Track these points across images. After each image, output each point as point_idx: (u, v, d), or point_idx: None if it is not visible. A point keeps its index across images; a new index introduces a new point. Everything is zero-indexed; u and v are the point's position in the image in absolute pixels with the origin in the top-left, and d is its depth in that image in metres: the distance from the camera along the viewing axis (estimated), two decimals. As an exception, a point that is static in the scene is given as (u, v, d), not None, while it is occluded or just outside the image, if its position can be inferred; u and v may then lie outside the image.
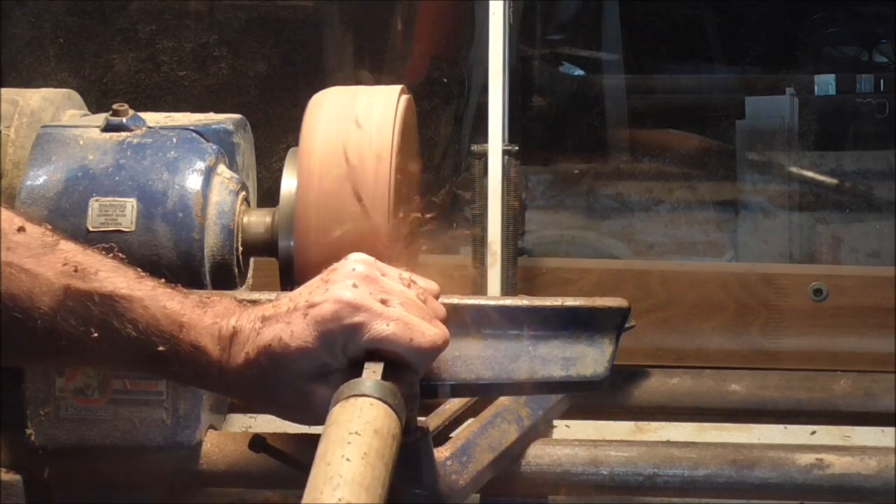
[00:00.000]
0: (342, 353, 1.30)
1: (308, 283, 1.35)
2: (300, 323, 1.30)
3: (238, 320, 1.33)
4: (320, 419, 1.32)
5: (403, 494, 1.40)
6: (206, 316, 1.34)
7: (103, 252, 1.37)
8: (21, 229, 1.34)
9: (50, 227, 1.37)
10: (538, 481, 1.66)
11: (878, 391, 1.87)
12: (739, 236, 2.78)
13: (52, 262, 1.33)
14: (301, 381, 1.31)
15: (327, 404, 1.29)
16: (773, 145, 2.84)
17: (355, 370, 1.28)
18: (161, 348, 1.32)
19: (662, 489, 1.67)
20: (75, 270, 1.32)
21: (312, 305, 1.30)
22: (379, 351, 1.29)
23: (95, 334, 1.32)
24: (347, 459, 1.15)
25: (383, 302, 1.31)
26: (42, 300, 1.32)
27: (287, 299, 1.33)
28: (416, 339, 1.30)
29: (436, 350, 1.32)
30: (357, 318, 1.29)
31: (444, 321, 1.36)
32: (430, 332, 1.31)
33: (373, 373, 1.27)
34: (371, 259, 1.36)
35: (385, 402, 1.23)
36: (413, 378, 1.31)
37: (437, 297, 1.39)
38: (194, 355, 1.33)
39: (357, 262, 1.35)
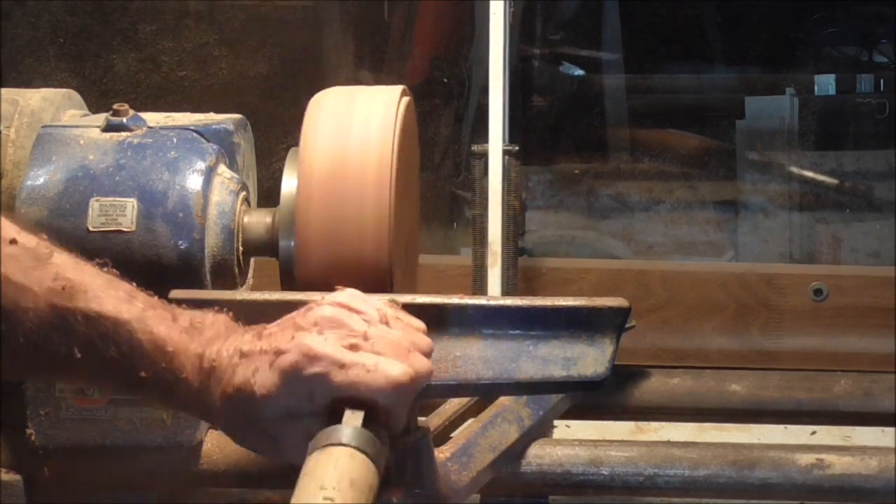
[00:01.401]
0: (308, 401, 1.28)
1: (283, 322, 1.32)
2: (266, 370, 1.28)
3: (219, 351, 1.31)
4: (290, 459, 1.30)
5: (403, 494, 1.40)
6: (192, 343, 1.31)
7: (98, 265, 1.36)
8: (13, 241, 1.32)
9: (46, 237, 1.35)
10: (538, 481, 1.66)
11: (878, 391, 1.87)
12: (739, 236, 2.79)
13: (41, 277, 1.31)
14: (268, 423, 1.30)
15: (295, 446, 1.27)
16: (773, 145, 2.84)
17: (331, 416, 1.26)
18: (143, 374, 1.31)
19: (663, 489, 1.67)
20: (63, 288, 1.30)
21: (278, 353, 1.28)
22: (345, 399, 1.27)
23: (78, 354, 1.30)
24: None
25: (352, 347, 1.29)
26: (27, 315, 1.30)
27: (265, 336, 1.30)
28: (376, 382, 1.26)
29: (400, 388, 1.27)
30: (315, 369, 1.26)
31: (428, 354, 1.33)
32: (393, 371, 1.27)
33: (353, 417, 1.24)
34: (345, 299, 1.33)
35: (363, 451, 1.20)
36: (391, 420, 1.28)
37: (424, 332, 1.36)
38: (175, 384, 1.31)
39: (327, 304, 1.32)
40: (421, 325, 1.36)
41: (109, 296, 1.31)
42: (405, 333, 1.32)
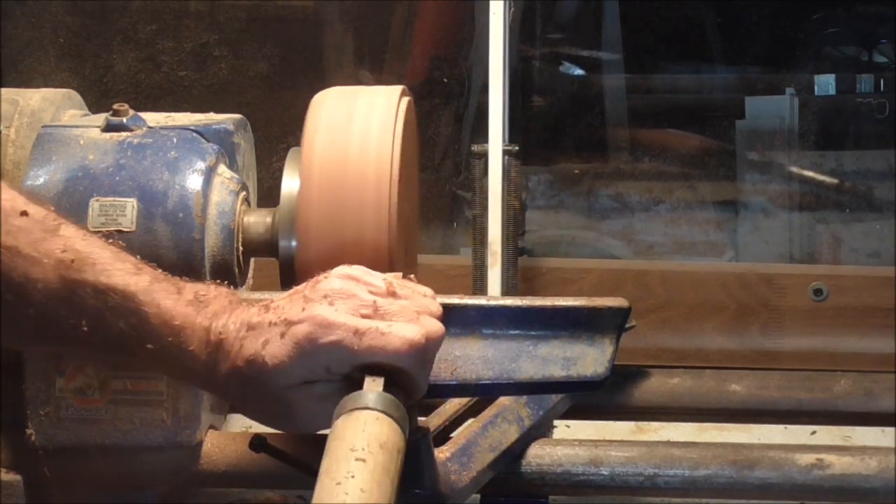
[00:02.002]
0: (325, 371, 1.29)
1: (291, 294, 1.34)
2: (277, 341, 1.29)
3: (226, 325, 1.32)
4: (303, 427, 1.32)
5: (403, 494, 1.40)
6: (198, 316, 1.33)
7: (104, 239, 1.37)
8: (24, 213, 1.34)
9: (54, 209, 1.37)
10: (538, 481, 1.66)
11: (878, 391, 1.87)
12: (739, 236, 2.79)
13: (50, 249, 1.33)
14: (283, 392, 1.31)
15: (310, 413, 1.29)
16: (773, 145, 2.84)
17: (349, 385, 1.27)
18: (150, 346, 1.32)
19: (663, 489, 1.67)
20: (72, 261, 1.32)
21: (290, 324, 1.29)
22: (364, 365, 1.28)
23: (86, 326, 1.32)
24: (353, 476, 1.13)
25: (364, 316, 1.30)
26: (37, 287, 1.32)
27: (273, 308, 1.32)
28: (392, 344, 1.28)
29: (416, 347, 1.29)
30: (332, 338, 1.28)
31: (440, 317, 1.35)
32: (406, 332, 1.29)
33: (374, 383, 1.26)
34: (352, 272, 1.34)
35: (389, 415, 1.22)
36: (410, 384, 1.30)
37: (432, 297, 1.37)
38: (182, 357, 1.32)
39: (335, 277, 1.34)
40: (428, 290, 1.38)
41: (117, 268, 1.33)
42: (413, 300, 1.34)
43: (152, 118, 1.68)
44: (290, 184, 1.61)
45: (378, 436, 1.19)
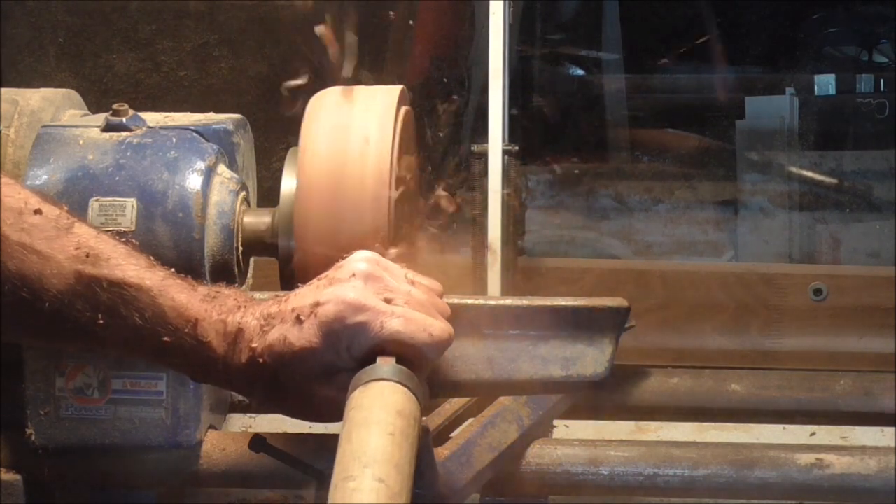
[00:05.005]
0: (347, 353, 1.30)
1: (313, 281, 1.35)
2: (304, 323, 1.30)
3: (244, 317, 1.33)
4: (323, 418, 1.32)
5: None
6: (213, 311, 1.34)
7: (117, 238, 1.38)
8: (38, 211, 1.35)
9: (67, 208, 1.38)
10: (538, 481, 1.66)
11: (878, 391, 1.87)
12: (739, 236, 2.78)
13: (64, 246, 1.34)
14: (305, 380, 1.32)
15: (330, 404, 1.29)
16: (773, 145, 2.84)
17: (363, 365, 1.28)
18: (166, 339, 1.33)
19: (662, 489, 1.67)
20: (87, 256, 1.34)
21: (317, 305, 1.31)
22: (384, 349, 1.29)
23: (101, 320, 1.33)
24: (377, 439, 1.15)
25: (387, 300, 1.31)
26: (51, 283, 1.33)
27: (293, 297, 1.34)
28: (419, 335, 1.30)
29: (440, 343, 1.32)
30: (360, 318, 1.30)
31: (449, 319, 1.36)
32: (434, 325, 1.32)
33: (386, 360, 1.27)
34: (375, 256, 1.36)
35: (404, 384, 1.23)
36: (420, 373, 1.31)
37: (440, 296, 1.39)
38: (199, 349, 1.33)
39: (361, 260, 1.35)
40: (439, 287, 1.39)
41: (131, 264, 1.35)
42: (429, 296, 1.35)
43: (152, 118, 1.68)
44: (289, 184, 1.61)
45: (395, 403, 1.20)
